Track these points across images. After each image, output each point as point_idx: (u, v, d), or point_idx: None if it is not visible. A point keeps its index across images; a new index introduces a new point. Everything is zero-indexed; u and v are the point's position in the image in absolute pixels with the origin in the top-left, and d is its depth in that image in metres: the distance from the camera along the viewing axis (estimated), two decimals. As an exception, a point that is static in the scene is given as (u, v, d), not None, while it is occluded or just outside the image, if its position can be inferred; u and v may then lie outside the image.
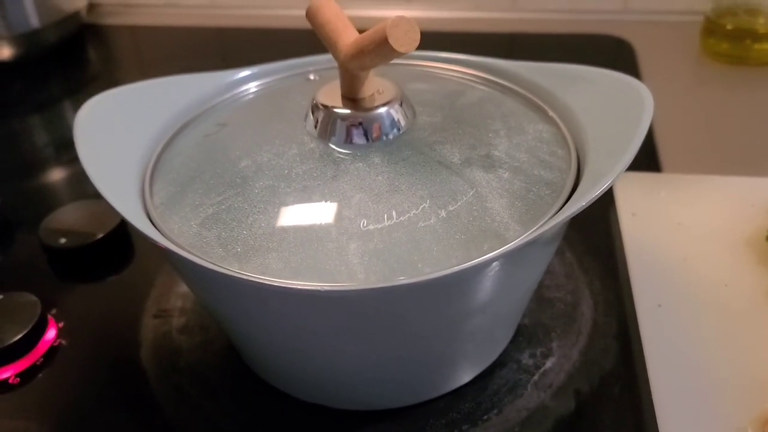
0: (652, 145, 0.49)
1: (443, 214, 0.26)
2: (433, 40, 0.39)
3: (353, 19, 0.29)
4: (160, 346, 0.36)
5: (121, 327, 0.37)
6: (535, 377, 0.32)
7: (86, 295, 0.40)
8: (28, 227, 0.44)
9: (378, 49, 0.25)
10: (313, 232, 0.26)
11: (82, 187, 0.51)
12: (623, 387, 0.32)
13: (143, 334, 0.36)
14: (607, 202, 0.42)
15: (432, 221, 0.26)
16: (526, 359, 0.33)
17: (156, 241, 0.26)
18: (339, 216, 0.26)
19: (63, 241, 0.41)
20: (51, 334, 0.36)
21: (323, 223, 0.26)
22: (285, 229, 0.26)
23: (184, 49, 0.73)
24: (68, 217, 0.43)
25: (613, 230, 0.40)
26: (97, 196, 0.27)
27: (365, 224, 0.26)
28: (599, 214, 0.42)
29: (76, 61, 0.73)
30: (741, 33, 0.59)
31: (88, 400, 0.33)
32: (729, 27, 0.59)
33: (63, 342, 0.36)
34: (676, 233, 0.38)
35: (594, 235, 0.40)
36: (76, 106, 0.32)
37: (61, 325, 0.37)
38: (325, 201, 0.27)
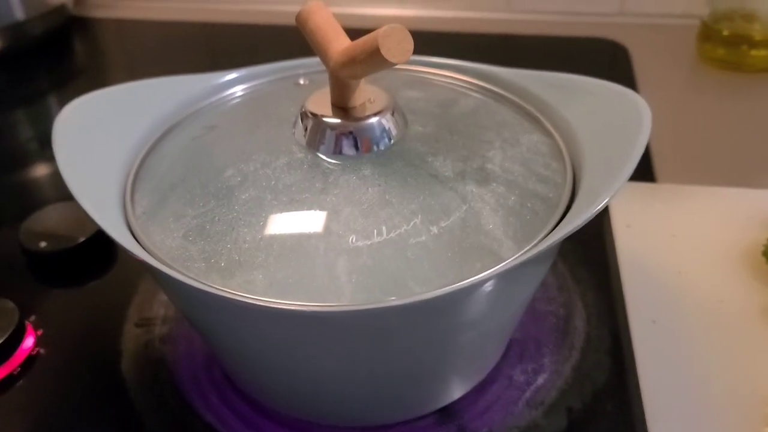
0: (646, 154, 0.48)
1: (435, 230, 0.25)
2: (426, 40, 0.38)
3: (346, 17, 0.28)
4: (142, 357, 0.35)
5: (102, 336, 0.36)
6: (527, 394, 0.32)
7: (66, 302, 0.38)
8: (8, 228, 0.43)
9: (369, 59, 0.24)
10: (300, 248, 0.25)
11: (65, 186, 0.49)
12: (616, 404, 0.31)
13: (125, 343, 0.35)
14: (601, 213, 0.41)
15: (423, 238, 0.25)
16: (517, 375, 0.33)
17: (135, 255, 0.25)
18: (327, 231, 0.25)
19: (43, 244, 0.40)
20: (29, 342, 0.35)
21: (311, 238, 0.25)
22: (271, 244, 0.25)
23: (171, 44, 0.71)
24: (49, 219, 0.42)
25: (607, 241, 0.40)
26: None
27: (354, 240, 0.25)
28: (593, 225, 0.41)
29: (62, 54, 0.71)
30: (737, 39, 0.59)
31: (67, 412, 0.32)
32: (725, 33, 0.59)
33: (41, 351, 0.35)
34: (671, 246, 0.37)
35: (587, 247, 0.40)
36: (62, 100, 0.31)
37: (39, 333, 0.36)
38: (313, 215, 0.26)
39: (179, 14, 0.76)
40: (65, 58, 0.71)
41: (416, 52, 0.36)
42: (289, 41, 0.38)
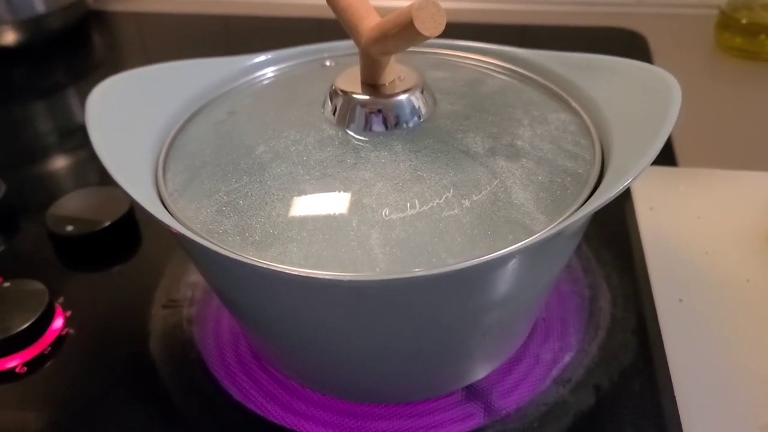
0: (668, 140, 0.48)
1: (467, 203, 0.25)
2: (444, 31, 0.38)
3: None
4: (170, 337, 0.35)
5: (129, 317, 0.36)
6: (554, 372, 0.32)
7: (94, 284, 0.39)
8: (34, 214, 0.43)
9: (402, 33, 0.25)
10: (334, 221, 0.25)
11: (86, 174, 0.50)
12: (644, 382, 0.31)
13: (152, 324, 0.36)
14: (623, 196, 0.41)
15: (456, 211, 0.25)
16: (544, 353, 0.33)
17: (174, 229, 0.25)
18: (360, 204, 0.25)
19: (70, 228, 0.40)
20: (58, 323, 0.36)
21: (344, 211, 0.25)
22: (304, 218, 0.25)
23: (189, 37, 0.72)
24: (74, 204, 0.42)
25: (630, 224, 0.40)
26: (102, 183, 0.26)
27: (387, 213, 0.25)
28: (615, 208, 0.41)
29: (81, 47, 0.72)
30: (755, 28, 0.58)
31: (97, 391, 0.33)
32: (743, 21, 0.59)
33: (71, 331, 0.36)
34: (696, 227, 0.37)
35: (611, 229, 0.40)
36: (81, 92, 0.31)
37: (68, 314, 0.36)
38: (346, 189, 0.26)
39: (197, 7, 0.77)
40: (84, 51, 0.72)
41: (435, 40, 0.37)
42: (307, 33, 0.38)
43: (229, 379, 0.33)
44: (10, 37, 0.66)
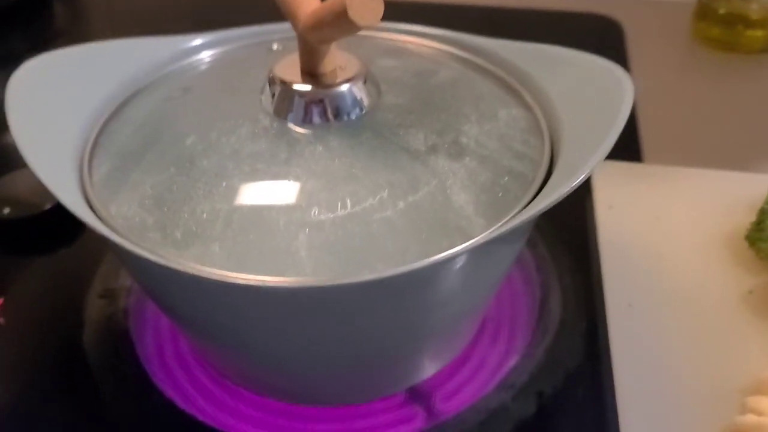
0: (634, 134, 0.47)
1: (402, 205, 0.24)
2: (409, 10, 0.36)
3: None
4: (104, 329, 0.34)
5: (64, 306, 0.35)
6: (498, 376, 0.31)
7: (30, 271, 0.37)
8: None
9: (337, 21, 0.23)
10: (260, 220, 0.24)
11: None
12: (587, 389, 0.30)
13: (87, 315, 0.34)
14: (583, 192, 0.40)
15: (389, 213, 0.24)
16: (490, 356, 0.32)
17: (87, 223, 0.23)
18: (289, 203, 0.24)
19: (7, 211, 0.38)
20: (-12, 311, 0.34)
21: (271, 210, 0.24)
22: (229, 215, 0.24)
23: (158, 7, 0.69)
24: (15, 185, 0.40)
25: (588, 222, 0.39)
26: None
27: (316, 213, 0.24)
28: (575, 204, 0.40)
29: (41, 16, 0.69)
30: (733, 18, 0.57)
31: (24, 385, 0.31)
32: (721, 11, 0.57)
33: (1, 321, 0.34)
34: (654, 229, 0.36)
35: (568, 227, 0.39)
36: None
37: (0, 301, 0.35)
38: (276, 186, 0.25)
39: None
40: (44, 20, 0.69)
41: (397, 21, 0.35)
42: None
43: (165, 376, 0.31)
44: (-38, 3, 0.64)
